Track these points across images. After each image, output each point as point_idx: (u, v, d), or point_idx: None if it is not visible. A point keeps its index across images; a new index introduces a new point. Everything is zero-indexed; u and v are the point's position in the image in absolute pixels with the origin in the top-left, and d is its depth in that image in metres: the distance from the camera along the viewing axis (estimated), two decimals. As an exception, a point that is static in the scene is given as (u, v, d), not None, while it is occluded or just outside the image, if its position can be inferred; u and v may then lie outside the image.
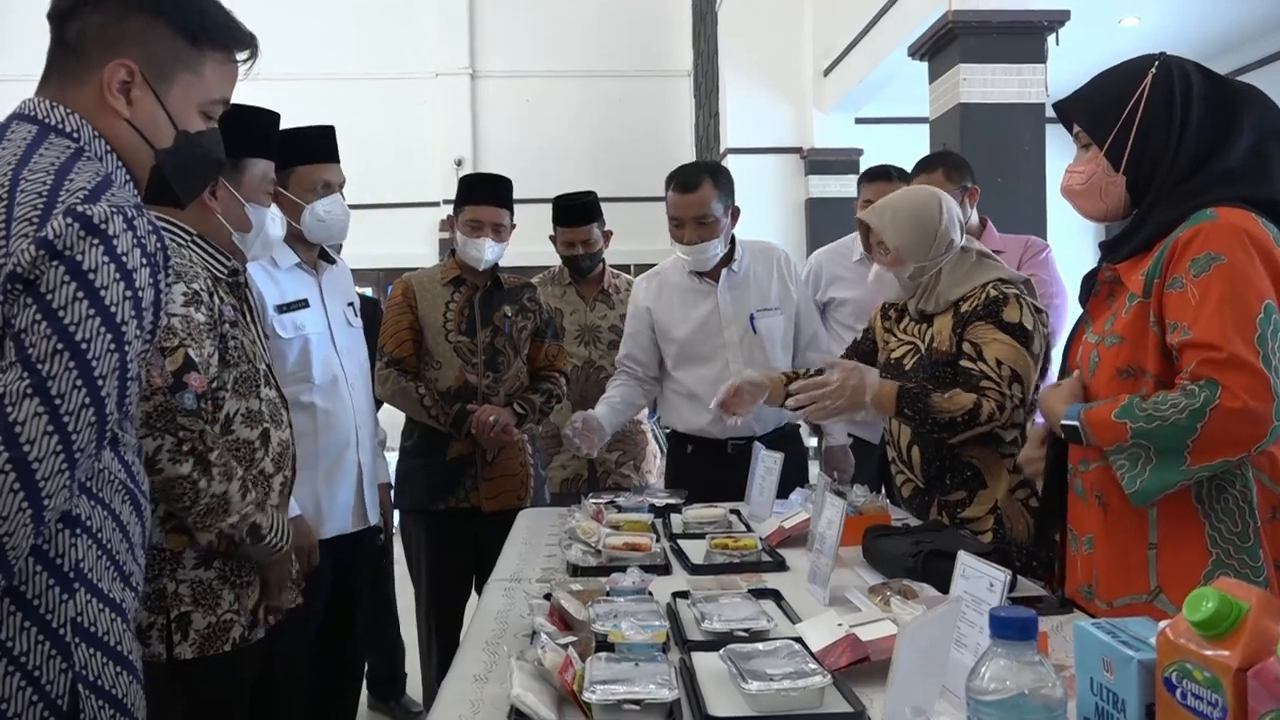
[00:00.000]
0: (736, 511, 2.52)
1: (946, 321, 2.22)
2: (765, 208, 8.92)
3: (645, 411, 3.44)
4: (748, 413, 2.45)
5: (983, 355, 2.12)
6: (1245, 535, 1.45)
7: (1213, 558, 1.46)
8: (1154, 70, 1.57)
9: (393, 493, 3.07)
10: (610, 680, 1.30)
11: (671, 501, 2.63)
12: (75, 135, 1.16)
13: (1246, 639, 0.73)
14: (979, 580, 1.31)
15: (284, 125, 2.53)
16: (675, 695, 1.26)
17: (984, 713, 0.81)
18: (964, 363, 2.15)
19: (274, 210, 2.02)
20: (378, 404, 3.34)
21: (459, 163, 10.80)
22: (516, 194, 3.15)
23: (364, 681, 2.83)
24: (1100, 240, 1.71)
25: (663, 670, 1.33)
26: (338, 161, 2.55)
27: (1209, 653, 0.75)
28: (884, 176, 3.49)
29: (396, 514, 3.18)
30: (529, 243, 4.38)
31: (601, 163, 10.22)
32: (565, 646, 1.38)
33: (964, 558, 1.37)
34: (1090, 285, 1.69)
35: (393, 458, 3.10)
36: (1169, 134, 1.55)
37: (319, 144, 2.50)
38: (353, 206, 2.65)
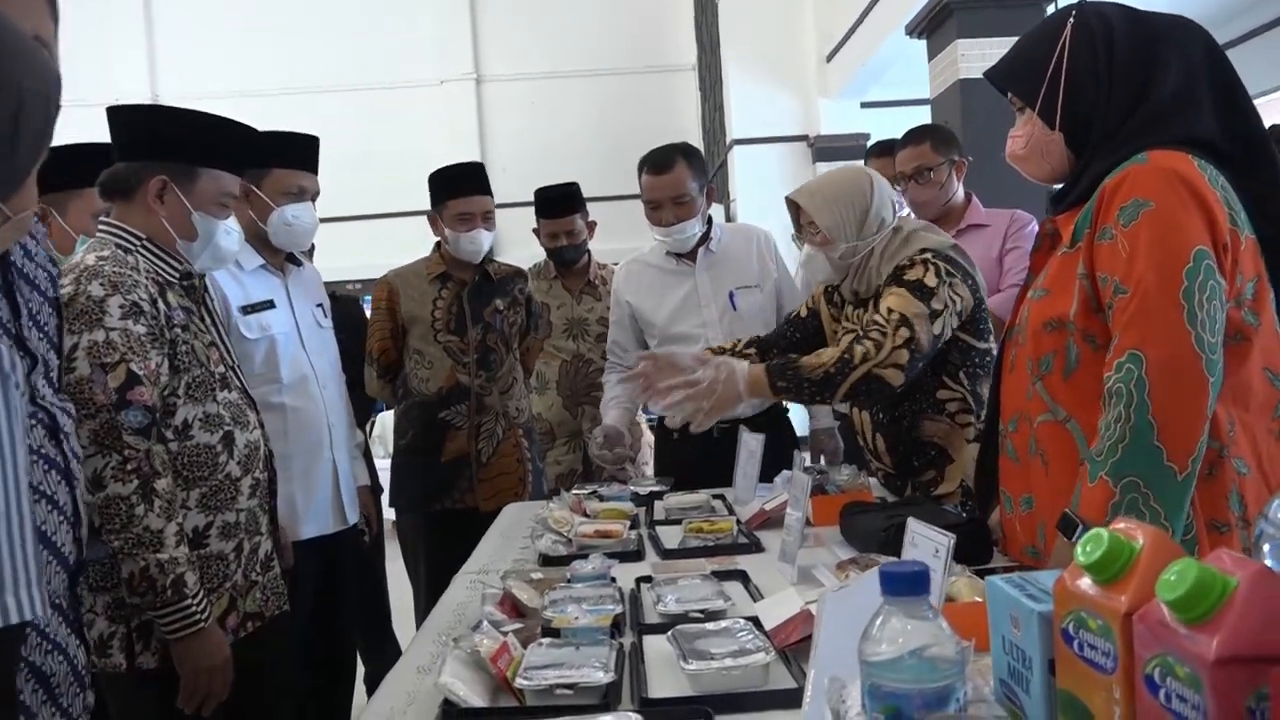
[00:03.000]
0: (721, 496, 2.48)
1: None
2: (773, 197, 8.76)
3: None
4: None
5: (878, 306, 2.09)
6: None
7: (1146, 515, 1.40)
8: (1072, 20, 1.51)
9: (385, 492, 3.05)
10: (547, 665, 1.27)
11: (656, 489, 2.59)
12: None
13: (1137, 581, 0.67)
14: (926, 546, 1.26)
15: (302, 133, 2.54)
16: (610, 678, 1.22)
17: (873, 674, 0.76)
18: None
19: (230, 223, 1.97)
20: (370, 405, 3.33)
21: (468, 167, 10.81)
22: (523, 197, 3.12)
23: (356, 684, 2.80)
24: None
25: (602, 654, 1.29)
26: (316, 172, 2.52)
27: (1100, 598, 0.69)
28: (889, 152, 3.45)
29: (392, 513, 3.15)
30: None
31: (609, 160, 10.18)
32: (506, 633, 1.35)
33: (912, 524, 1.31)
34: (1037, 241, 1.63)
35: (380, 464, 3.09)
36: (1096, 82, 1.48)
37: (301, 151, 2.49)
38: (362, 217, 2.67)
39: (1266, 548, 0.64)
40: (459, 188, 3.01)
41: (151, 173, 1.85)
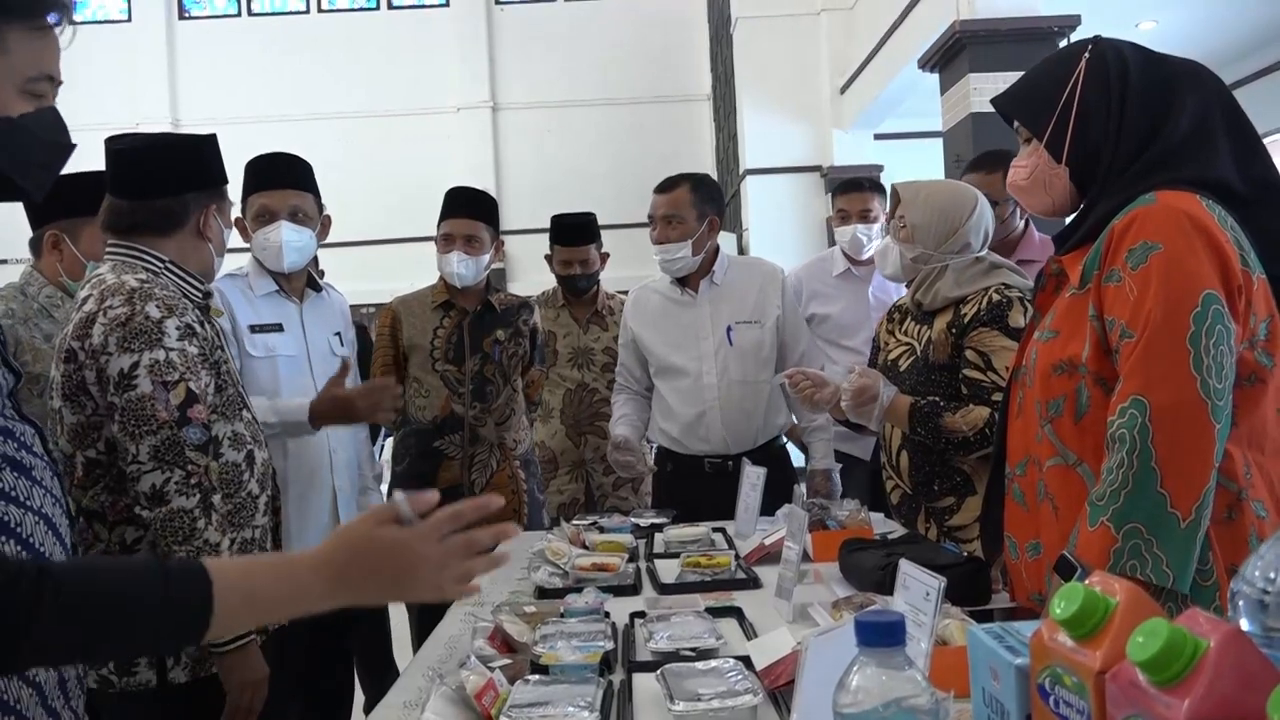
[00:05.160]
0: (722, 530, 2.46)
1: (943, 323, 2.16)
2: (786, 227, 8.88)
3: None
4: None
5: (992, 365, 2.06)
6: None
7: None
8: (1087, 55, 1.50)
9: None
10: (532, 703, 1.25)
11: (657, 521, 2.57)
12: None
13: (1111, 638, 0.66)
14: (918, 589, 1.24)
15: (312, 164, 2.56)
16: (594, 718, 1.21)
17: (847, 726, 0.74)
18: (971, 373, 2.09)
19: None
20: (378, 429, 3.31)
21: (481, 195, 10.89)
22: (537, 224, 3.09)
23: (356, 712, 2.78)
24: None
25: (589, 692, 1.28)
26: (286, 188, 2.49)
27: (1074, 654, 0.68)
28: (856, 187, 3.52)
29: None
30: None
31: (623, 189, 10.24)
32: (493, 669, 1.34)
33: (904, 566, 1.30)
34: (1041, 281, 1.62)
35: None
36: (1107, 119, 1.47)
37: (264, 172, 2.50)
38: (377, 242, 2.67)
39: (1241, 605, 0.62)
40: (446, 209, 3.02)
41: (202, 203, 1.88)
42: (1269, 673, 0.57)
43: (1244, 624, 0.62)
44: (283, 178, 2.49)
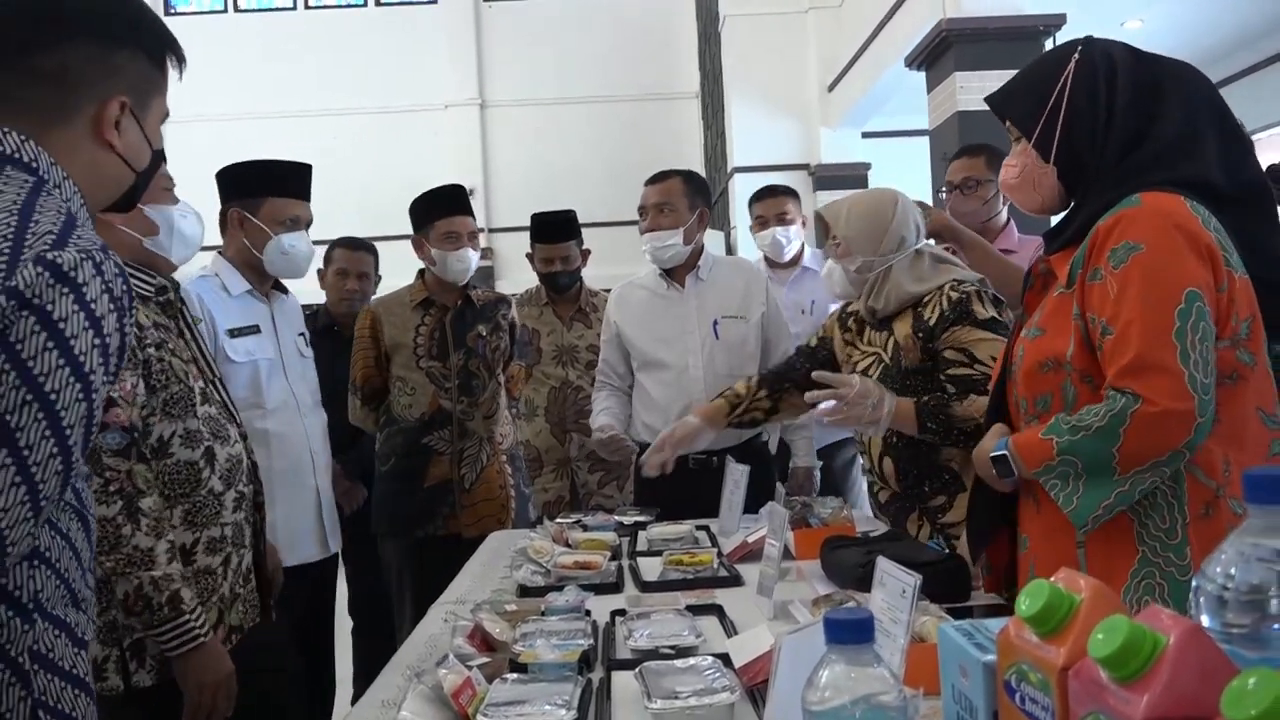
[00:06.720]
0: (706, 527, 2.47)
1: (906, 328, 2.17)
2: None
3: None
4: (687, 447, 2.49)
5: (975, 357, 2.07)
6: (1173, 532, 1.38)
7: (1139, 555, 1.39)
8: (1076, 56, 1.51)
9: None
10: (509, 702, 1.25)
11: (640, 519, 2.57)
12: (33, 165, 1.12)
13: (1076, 635, 0.66)
14: (894, 586, 1.24)
15: (295, 162, 2.55)
16: (572, 716, 1.21)
17: (815, 723, 0.75)
18: (957, 370, 2.09)
19: (184, 206, 1.97)
20: (358, 432, 3.32)
21: (470, 192, 10.87)
22: (525, 222, 3.24)
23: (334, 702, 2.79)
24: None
25: (566, 690, 1.28)
26: (308, 200, 2.51)
27: (1039, 651, 0.68)
28: (770, 193, 3.70)
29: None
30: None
31: (611, 186, 10.26)
32: (471, 668, 1.33)
33: (881, 563, 1.30)
34: (1029, 280, 1.63)
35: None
36: (1095, 120, 1.49)
37: (294, 180, 2.48)
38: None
39: (1201, 601, 0.63)
40: (445, 208, 3.03)
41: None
42: (1227, 668, 0.57)
43: (1204, 620, 0.62)
44: (305, 189, 2.50)
